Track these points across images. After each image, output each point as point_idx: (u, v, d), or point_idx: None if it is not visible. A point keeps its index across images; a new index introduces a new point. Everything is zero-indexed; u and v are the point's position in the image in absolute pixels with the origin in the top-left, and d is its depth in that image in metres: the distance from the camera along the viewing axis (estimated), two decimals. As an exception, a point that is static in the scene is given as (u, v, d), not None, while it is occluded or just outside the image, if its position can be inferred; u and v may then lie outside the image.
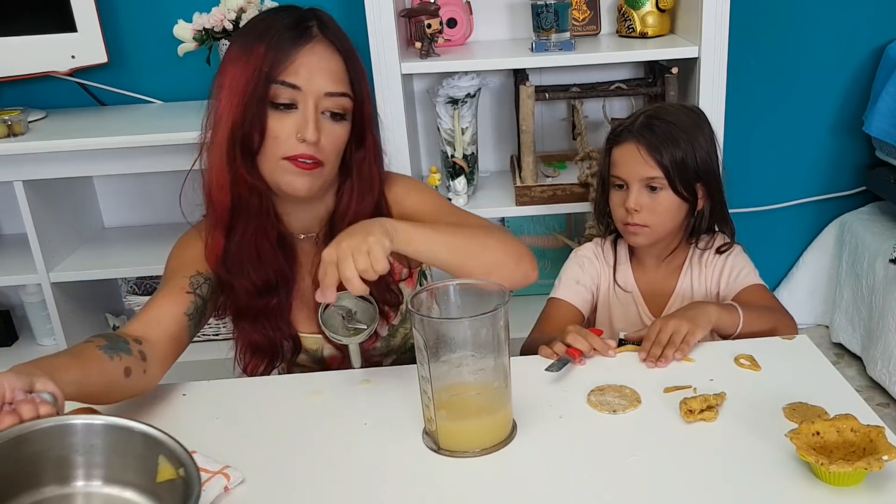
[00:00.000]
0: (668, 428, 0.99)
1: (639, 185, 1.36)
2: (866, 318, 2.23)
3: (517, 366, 1.00)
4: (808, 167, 2.43)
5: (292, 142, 1.11)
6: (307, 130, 1.10)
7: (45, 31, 2.04)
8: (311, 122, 1.10)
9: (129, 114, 2.17)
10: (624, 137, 1.38)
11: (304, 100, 1.11)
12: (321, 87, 1.11)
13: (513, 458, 0.95)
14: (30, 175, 1.97)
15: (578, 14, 2.12)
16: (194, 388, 1.14)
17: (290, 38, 1.11)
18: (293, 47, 1.10)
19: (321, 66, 1.11)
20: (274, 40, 1.10)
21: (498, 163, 2.33)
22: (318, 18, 1.14)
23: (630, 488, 0.89)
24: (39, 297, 2.14)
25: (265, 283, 1.21)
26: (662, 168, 1.34)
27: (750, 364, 1.12)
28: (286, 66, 1.10)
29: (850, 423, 0.89)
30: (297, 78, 1.10)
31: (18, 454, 0.80)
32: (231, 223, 1.18)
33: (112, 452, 0.84)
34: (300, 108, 1.11)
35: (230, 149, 1.13)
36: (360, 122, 1.17)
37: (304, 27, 1.12)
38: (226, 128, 1.12)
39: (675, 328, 1.15)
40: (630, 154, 1.36)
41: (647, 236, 1.39)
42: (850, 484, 0.85)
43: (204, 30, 1.92)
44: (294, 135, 1.11)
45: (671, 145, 1.34)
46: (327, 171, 1.15)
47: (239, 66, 1.11)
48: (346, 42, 1.16)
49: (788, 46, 2.29)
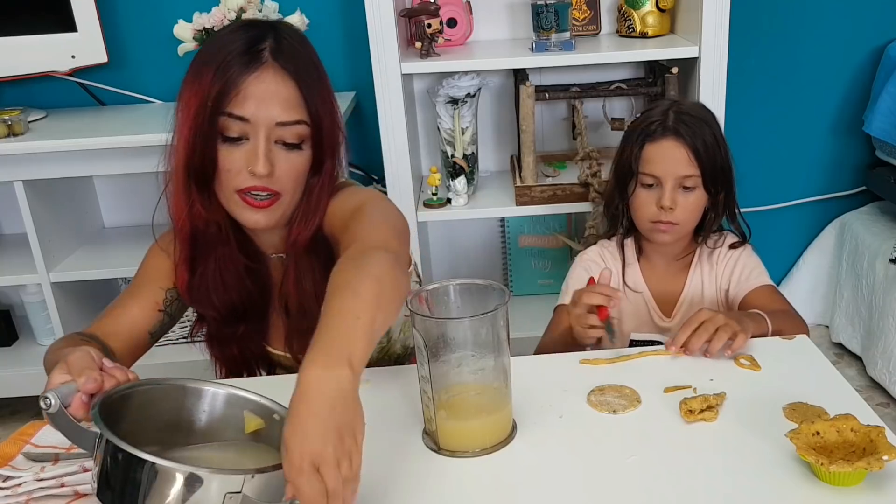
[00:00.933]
0: (668, 428, 0.99)
1: (674, 183, 1.34)
2: (866, 317, 2.23)
3: (517, 366, 1.00)
4: (808, 167, 2.43)
5: (244, 175, 1.05)
6: (257, 164, 1.04)
7: (45, 31, 2.04)
8: (261, 156, 1.04)
9: (129, 114, 2.17)
10: (660, 134, 1.35)
11: (255, 131, 1.04)
12: (272, 118, 1.04)
13: (513, 458, 0.95)
14: (30, 175, 1.97)
15: (578, 14, 2.12)
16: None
17: (239, 66, 1.04)
18: (240, 76, 1.03)
19: (270, 95, 1.04)
20: (222, 67, 1.04)
21: (498, 163, 2.33)
22: (275, 38, 1.07)
23: (630, 488, 0.89)
24: (39, 297, 2.14)
25: (231, 312, 1.18)
26: (700, 167, 1.33)
27: (750, 364, 1.12)
28: (233, 96, 1.03)
29: (850, 423, 0.89)
30: (245, 109, 1.04)
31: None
32: (192, 253, 1.15)
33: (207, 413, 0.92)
34: (251, 140, 1.05)
35: (185, 180, 1.09)
36: (319, 148, 1.09)
37: (254, 52, 1.05)
38: (180, 159, 1.09)
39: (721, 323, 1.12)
40: (668, 151, 1.34)
41: (674, 234, 1.38)
42: (850, 484, 0.85)
43: (204, 30, 1.92)
44: (245, 168, 1.05)
45: (708, 144, 1.33)
46: (287, 201, 1.10)
47: (191, 92, 1.06)
48: (303, 62, 1.08)
49: (788, 46, 2.29)
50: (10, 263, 2.13)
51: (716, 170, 1.35)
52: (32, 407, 2.16)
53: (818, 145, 2.41)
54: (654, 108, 1.42)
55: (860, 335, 2.28)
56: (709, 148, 1.34)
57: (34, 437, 1.01)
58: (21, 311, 2.29)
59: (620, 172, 1.41)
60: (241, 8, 1.90)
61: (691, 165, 1.33)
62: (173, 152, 1.10)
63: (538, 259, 2.37)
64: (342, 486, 0.75)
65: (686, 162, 1.33)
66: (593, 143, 2.07)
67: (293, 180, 1.09)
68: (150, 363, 2.16)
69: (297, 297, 1.15)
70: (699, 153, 1.33)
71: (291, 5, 2.00)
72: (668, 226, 1.36)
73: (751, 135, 2.34)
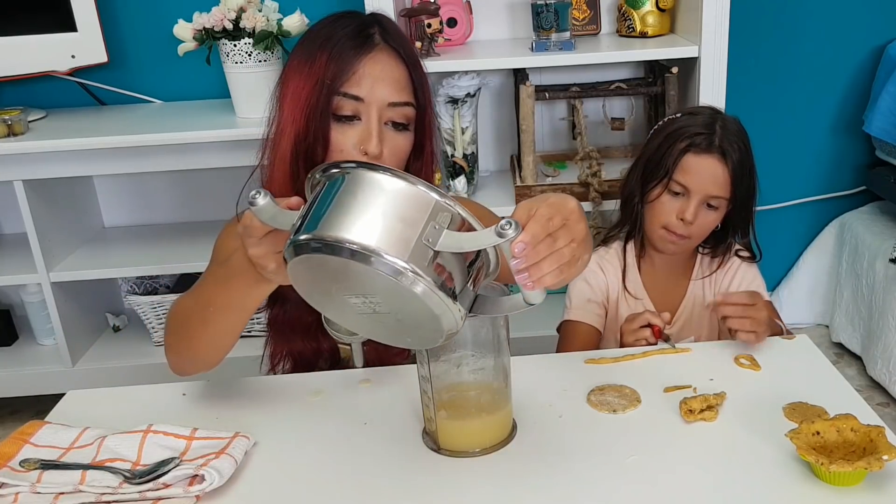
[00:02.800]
0: (668, 428, 0.99)
1: (701, 198, 1.32)
2: (866, 317, 2.23)
3: (517, 366, 1.00)
4: (808, 167, 2.43)
5: (355, 154, 1.08)
6: (370, 143, 1.07)
7: (45, 31, 2.04)
8: (374, 135, 1.07)
9: (129, 113, 2.17)
10: (705, 148, 1.31)
11: (367, 111, 1.07)
12: (384, 98, 1.08)
13: (513, 458, 0.95)
14: (30, 175, 1.97)
15: (578, 14, 2.12)
16: (194, 388, 1.14)
17: (353, 48, 1.07)
18: (355, 57, 1.07)
19: (384, 76, 1.08)
20: (336, 50, 1.07)
21: (498, 163, 2.33)
22: (380, 24, 1.11)
23: (630, 488, 0.89)
24: (39, 296, 2.14)
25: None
26: (733, 190, 1.31)
27: (750, 364, 1.12)
28: (348, 76, 1.07)
29: (850, 422, 0.89)
30: (360, 89, 1.07)
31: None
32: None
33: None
34: (363, 120, 1.08)
35: (293, 163, 1.10)
36: (421, 132, 1.13)
37: (365, 35, 1.09)
38: (289, 141, 1.10)
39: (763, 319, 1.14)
40: (710, 168, 1.31)
41: (681, 247, 1.37)
42: (850, 484, 0.85)
43: (204, 29, 1.92)
44: (357, 147, 1.08)
45: (745, 167, 1.32)
46: None
47: (301, 76, 1.08)
48: (410, 48, 1.12)
49: (788, 46, 2.29)
50: (10, 263, 2.13)
51: (745, 193, 1.34)
52: (32, 406, 2.19)
53: (818, 145, 2.41)
54: (697, 114, 1.38)
55: (860, 335, 2.28)
56: (745, 171, 1.32)
57: (34, 436, 1.01)
58: (21, 310, 2.29)
59: (649, 170, 1.37)
60: (241, 8, 1.90)
61: (725, 188, 1.31)
62: (277, 141, 1.11)
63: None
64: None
65: (723, 183, 1.31)
66: (593, 143, 2.07)
67: (397, 162, 1.11)
68: (150, 363, 2.19)
69: None
70: (737, 176, 1.31)
71: (291, 5, 2.00)
72: (680, 238, 1.34)
73: (751, 135, 2.31)
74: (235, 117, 2.01)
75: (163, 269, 2.10)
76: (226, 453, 0.93)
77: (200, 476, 0.90)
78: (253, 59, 1.94)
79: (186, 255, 2.09)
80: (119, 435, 0.98)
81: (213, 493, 0.90)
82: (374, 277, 0.74)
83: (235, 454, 0.94)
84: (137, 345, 2.23)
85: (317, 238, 0.75)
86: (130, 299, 2.16)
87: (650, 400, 1.05)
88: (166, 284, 2.25)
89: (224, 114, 2.04)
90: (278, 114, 1.12)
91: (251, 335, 2.17)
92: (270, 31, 1.91)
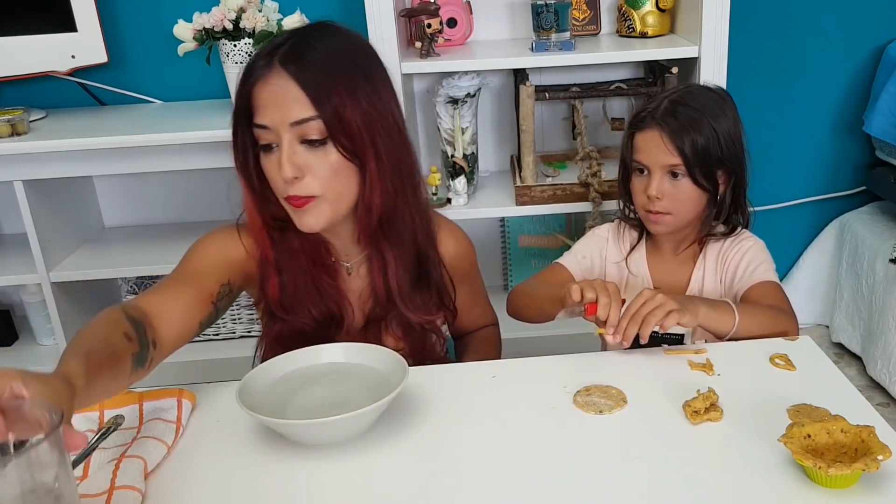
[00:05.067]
0: (666, 428, 0.99)
1: (661, 172, 1.33)
2: (866, 317, 2.23)
3: (512, 366, 1.00)
4: (808, 167, 2.43)
5: (282, 183, 1.09)
6: (283, 170, 1.07)
7: (45, 31, 2.04)
8: (284, 161, 1.06)
9: (129, 114, 2.17)
10: (647, 123, 1.35)
11: (278, 136, 1.07)
12: (284, 119, 1.06)
13: (507, 457, 0.95)
14: (30, 175, 1.97)
15: (578, 14, 2.13)
16: (195, 390, 1.14)
17: (255, 75, 1.08)
18: (254, 87, 1.08)
19: (278, 99, 1.06)
20: (244, 81, 1.09)
21: (498, 163, 2.33)
22: (294, 42, 1.09)
23: (630, 488, 0.89)
24: (39, 297, 2.14)
25: (327, 317, 1.20)
26: (683, 156, 1.31)
27: (785, 364, 1.11)
28: (252, 106, 1.08)
29: (839, 424, 0.89)
30: (263, 117, 1.07)
31: None
32: (279, 261, 1.18)
33: None
34: (278, 146, 1.08)
35: (252, 197, 1.15)
36: (346, 141, 1.08)
37: (268, 60, 1.07)
38: (242, 180, 1.15)
39: (657, 304, 1.11)
40: (652, 140, 1.34)
41: (668, 224, 1.36)
42: (845, 486, 0.85)
43: (204, 30, 1.92)
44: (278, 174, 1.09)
45: (694, 132, 1.31)
46: (330, 199, 1.11)
47: (233, 113, 1.13)
48: (315, 60, 1.08)
49: (788, 46, 2.29)
50: (10, 263, 2.13)
51: (707, 160, 1.32)
52: (32, 407, 2.18)
53: (818, 145, 2.41)
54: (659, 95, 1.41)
55: (860, 335, 2.28)
56: (699, 137, 1.31)
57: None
58: (21, 311, 2.29)
59: (623, 159, 1.44)
60: (241, 8, 1.90)
61: (674, 155, 1.31)
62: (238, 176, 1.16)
63: (538, 259, 2.37)
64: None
65: (667, 151, 1.32)
66: (593, 143, 2.07)
67: (326, 180, 1.09)
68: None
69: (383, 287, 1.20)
70: (682, 142, 1.31)
71: (291, 5, 2.00)
72: (659, 216, 1.35)
73: (751, 135, 2.31)
74: (235, 117, 2.01)
75: (163, 269, 2.09)
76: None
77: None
78: (253, 60, 1.94)
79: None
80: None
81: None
82: None
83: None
84: (137, 345, 2.23)
85: None
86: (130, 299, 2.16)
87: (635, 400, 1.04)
88: (166, 284, 2.26)
89: (224, 114, 2.02)
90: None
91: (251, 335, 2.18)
92: (270, 32, 1.92)
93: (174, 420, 1.04)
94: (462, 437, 1.00)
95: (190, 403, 1.08)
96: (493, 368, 1.15)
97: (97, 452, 0.98)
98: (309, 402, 1.03)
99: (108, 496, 0.88)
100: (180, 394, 1.08)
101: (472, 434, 1.00)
